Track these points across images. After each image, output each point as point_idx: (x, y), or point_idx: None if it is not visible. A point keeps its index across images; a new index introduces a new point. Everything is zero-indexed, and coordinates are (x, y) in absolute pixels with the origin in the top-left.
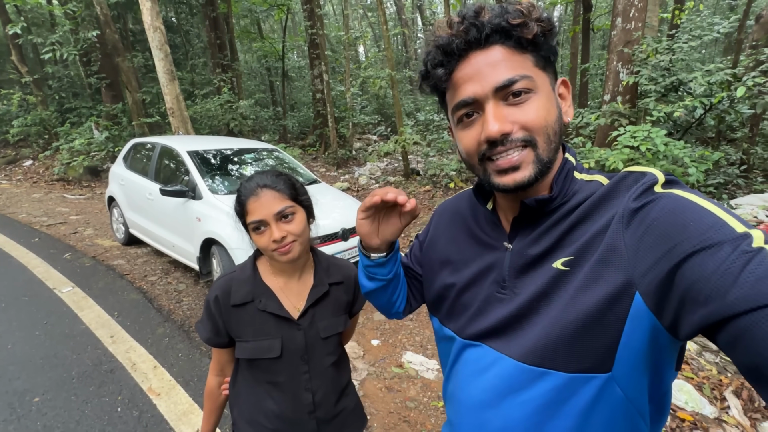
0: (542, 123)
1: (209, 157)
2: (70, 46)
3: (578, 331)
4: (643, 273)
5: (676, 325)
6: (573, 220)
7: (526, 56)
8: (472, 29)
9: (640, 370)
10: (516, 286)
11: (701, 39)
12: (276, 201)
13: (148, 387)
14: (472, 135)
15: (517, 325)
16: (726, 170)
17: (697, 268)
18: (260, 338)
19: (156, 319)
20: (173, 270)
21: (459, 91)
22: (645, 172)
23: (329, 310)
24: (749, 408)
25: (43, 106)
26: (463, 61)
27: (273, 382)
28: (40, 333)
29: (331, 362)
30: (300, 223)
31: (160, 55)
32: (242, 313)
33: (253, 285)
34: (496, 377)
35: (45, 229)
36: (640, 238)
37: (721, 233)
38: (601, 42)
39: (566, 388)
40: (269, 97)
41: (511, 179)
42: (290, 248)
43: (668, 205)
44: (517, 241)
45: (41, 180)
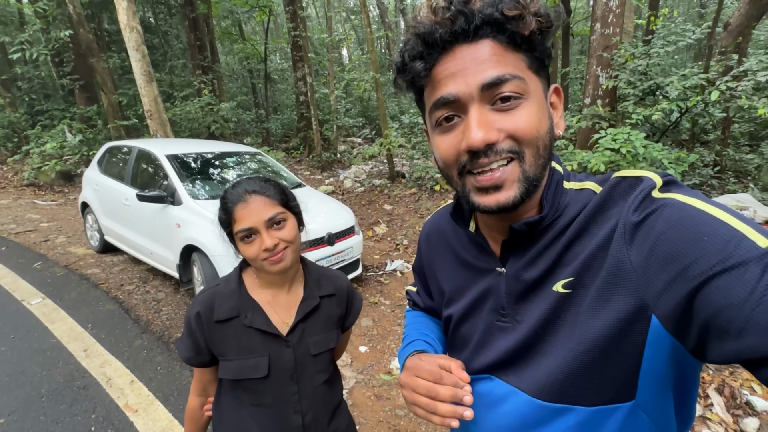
0: (533, 133)
1: (189, 160)
2: (40, 45)
3: (595, 362)
4: (657, 295)
5: (702, 350)
6: (569, 237)
7: (519, 56)
8: (459, 18)
9: (665, 392)
10: (517, 312)
11: (676, 45)
12: (266, 207)
13: (124, 403)
14: (452, 142)
15: (527, 356)
16: (700, 171)
17: (722, 293)
18: (245, 356)
19: (133, 331)
20: (152, 278)
21: (440, 87)
22: (640, 176)
23: (320, 324)
24: (732, 405)
25: (11, 108)
26: (447, 55)
27: (258, 404)
28: (6, 348)
29: (322, 380)
30: (292, 229)
31: (137, 56)
32: (226, 329)
33: (239, 299)
34: (512, 413)
35: (13, 237)
36: (647, 256)
37: (742, 250)
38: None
39: (589, 423)
40: (251, 99)
41: (494, 200)
42: (283, 256)
43: (674, 216)
44: (511, 264)
45: (9, 185)
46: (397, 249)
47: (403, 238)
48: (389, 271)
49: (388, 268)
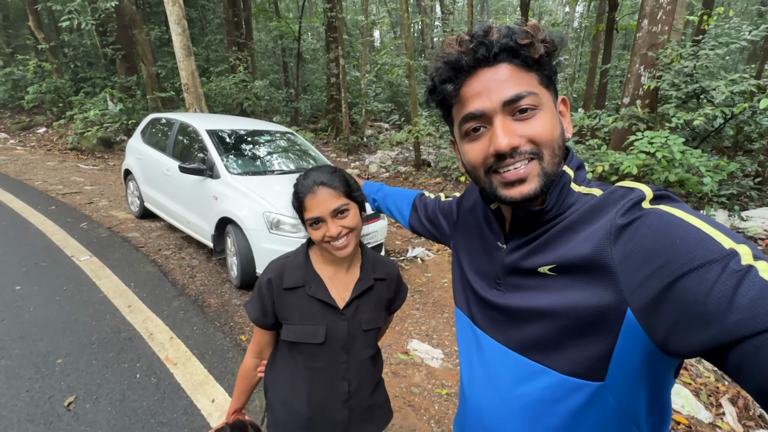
0: (549, 137)
1: (226, 136)
2: (87, 15)
3: (572, 336)
4: (633, 290)
5: (667, 344)
6: (558, 229)
7: (532, 75)
8: (481, 48)
9: (635, 383)
10: (507, 284)
11: (728, 46)
12: (332, 199)
13: (165, 356)
14: (480, 148)
15: (516, 321)
16: (740, 181)
17: (689, 289)
18: (306, 323)
19: (171, 293)
20: (186, 246)
21: (467, 105)
22: (633, 187)
23: (372, 304)
24: (744, 416)
25: (58, 74)
26: (472, 77)
27: (312, 367)
28: (60, 298)
29: (368, 355)
30: (354, 217)
31: (177, 30)
32: (292, 296)
33: (305, 271)
34: (499, 366)
35: (61, 197)
36: (628, 256)
37: (708, 251)
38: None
39: (559, 389)
40: (282, 78)
41: (518, 192)
42: (347, 243)
43: (655, 222)
44: (511, 244)
45: (55, 148)
46: (418, 236)
47: None
48: (410, 258)
49: (409, 255)
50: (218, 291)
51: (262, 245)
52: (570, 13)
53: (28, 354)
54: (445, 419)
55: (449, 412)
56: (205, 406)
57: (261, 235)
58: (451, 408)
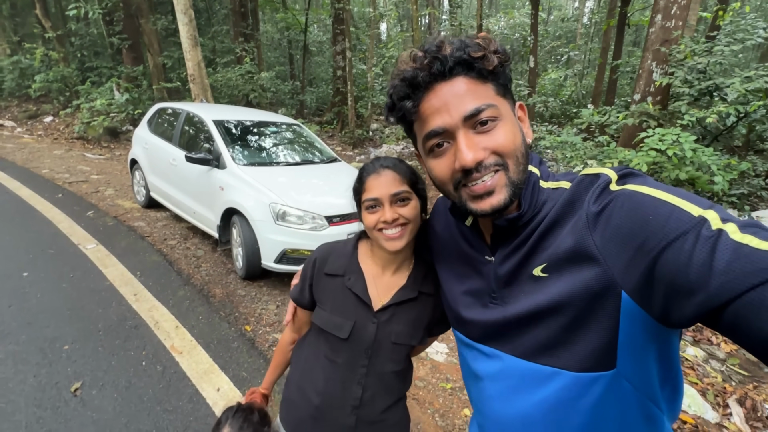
0: (512, 147)
1: (232, 127)
2: (94, 4)
3: (575, 330)
4: (622, 272)
5: (667, 316)
6: (542, 229)
7: (488, 85)
8: (435, 62)
9: (644, 360)
10: (504, 296)
11: (743, 43)
12: (394, 182)
13: (170, 345)
14: (446, 164)
15: (518, 328)
16: (750, 181)
17: (670, 262)
18: (336, 313)
19: (176, 282)
20: (192, 236)
21: (428, 121)
22: (598, 173)
23: (410, 318)
24: (752, 417)
25: (65, 63)
26: (429, 93)
27: (332, 360)
28: (66, 286)
29: (392, 369)
30: (413, 209)
31: (184, 20)
32: (330, 283)
33: (349, 261)
34: (510, 377)
35: (68, 186)
36: (609, 240)
37: (680, 222)
38: (632, 38)
39: (575, 387)
40: (288, 70)
41: (488, 204)
42: (400, 234)
43: (626, 203)
44: (498, 254)
45: (61, 137)
46: None
47: None
48: None
49: None
50: (223, 281)
51: (268, 236)
52: (580, 8)
53: (35, 340)
54: (450, 413)
55: (453, 405)
56: (210, 394)
57: (267, 226)
58: (456, 402)
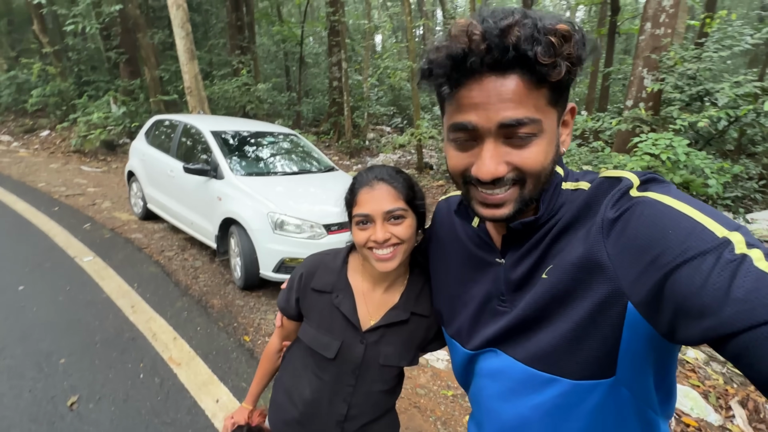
0: (538, 168)
1: (230, 138)
2: (91, 19)
3: (578, 340)
4: (631, 284)
5: (673, 334)
6: (555, 232)
7: (542, 92)
8: (493, 51)
9: (643, 370)
10: (515, 299)
11: (731, 49)
12: (389, 198)
13: (169, 356)
14: (463, 160)
15: (523, 332)
16: (744, 184)
17: (684, 282)
18: (323, 332)
19: (174, 293)
20: (189, 247)
21: (462, 112)
22: (620, 177)
23: (401, 339)
24: (754, 418)
25: (62, 78)
26: (474, 81)
27: (319, 376)
28: (63, 299)
29: (380, 389)
30: (408, 228)
31: (181, 34)
32: (317, 299)
33: (337, 278)
34: (509, 380)
35: (64, 199)
36: (622, 249)
37: (701, 240)
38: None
39: (573, 394)
40: (284, 82)
41: (491, 213)
42: (392, 255)
43: (645, 212)
44: (509, 257)
45: (58, 150)
46: None
47: None
48: None
49: None
50: (222, 292)
51: (266, 246)
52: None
53: (30, 354)
54: (452, 420)
55: (455, 413)
56: (209, 406)
57: (265, 235)
58: (457, 409)
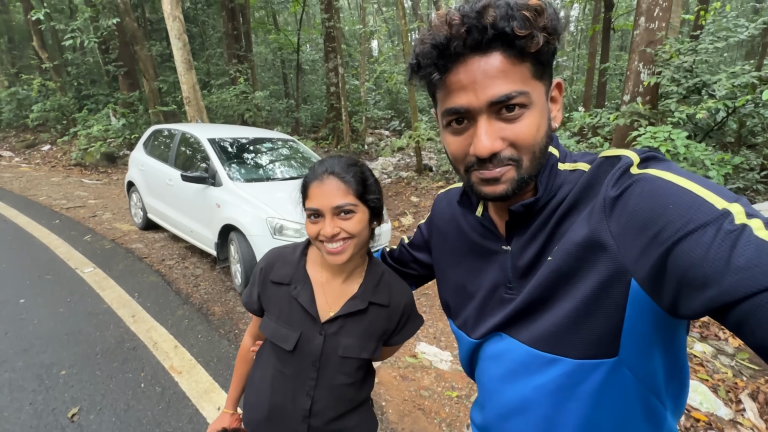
0: (531, 141)
1: (228, 145)
2: (90, 33)
3: (581, 318)
4: (635, 260)
5: (676, 308)
6: (560, 213)
7: (526, 65)
8: (473, 32)
9: (648, 350)
10: (522, 285)
11: (726, 41)
12: (339, 193)
13: (169, 365)
14: (462, 144)
15: (527, 315)
16: (745, 175)
17: (686, 254)
18: (282, 324)
19: (175, 302)
20: (190, 255)
21: (452, 97)
22: (619, 155)
23: (360, 330)
24: (765, 411)
25: (62, 92)
26: (460, 65)
27: (280, 371)
28: (64, 310)
29: (343, 382)
30: (358, 223)
31: (178, 45)
32: (276, 291)
33: (295, 269)
34: (511, 361)
35: (65, 211)
36: (624, 226)
37: (701, 213)
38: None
39: (576, 374)
40: (282, 89)
41: (491, 190)
42: (343, 249)
43: (646, 189)
44: (515, 243)
45: (59, 164)
46: None
47: None
48: None
49: None
50: (222, 299)
51: (266, 251)
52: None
53: (31, 366)
54: (457, 422)
55: (460, 414)
56: (210, 414)
57: (264, 241)
58: (462, 410)
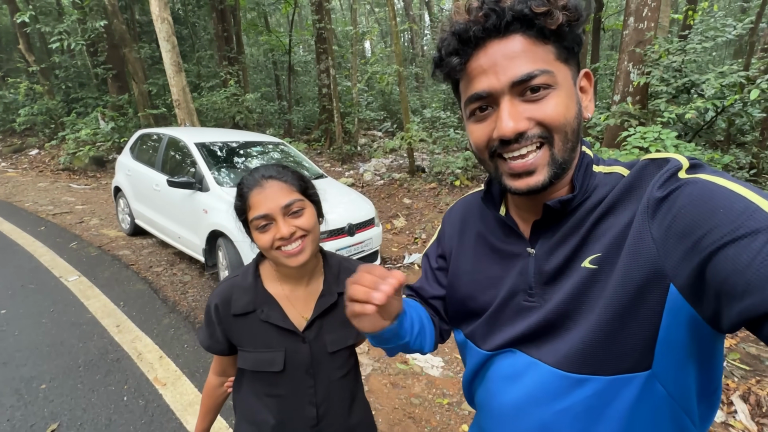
0: (561, 120)
1: (216, 149)
2: (77, 36)
3: (615, 331)
4: (676, 265)
5: (717, 318)
6: (597, 215)
7: (548, 47)
8: (491, 15)
9: (682, 364)
10: (545, 293)
11: (714, 40)
12: (283, 193)
13: (154, 377)
14: (484, 130)
15: (551, 330)
16: (735, 174)
17: (731, 259)
18: (262, 350)
19: (161, 310)
20: (178, 261)
21: (473, 83)
22: (668, 158)
23: (338, 321)
24: (757, 413)
25: (49, 96)
26: (480, 50)
27: (274, 395)
28: (46, 321)
29: (339, 375)
30: (310, 218)
31: (167, 47)
32: (244, 322)
33: (255, 294)
34: (532, 384)
35: (51, 218)
36: (668, 228)
37: (753, 220)
38: (610, 42)
39: (607, 392)
40: (274, 91)
41: (524, 184)
42: (302, 247)
43: (695, 192)
44: (540, 245)
45: (47, 169)
46: (415, 243)
47: (422, 232)
48: (407, 264)
49: (405, 261)
50: None
51: (253, 257)
52: None
53: (10, 380)
54: (447, 430)
55: (451, 422)
56: (194, 427)
57: (252, 246)
58: (453, 418)
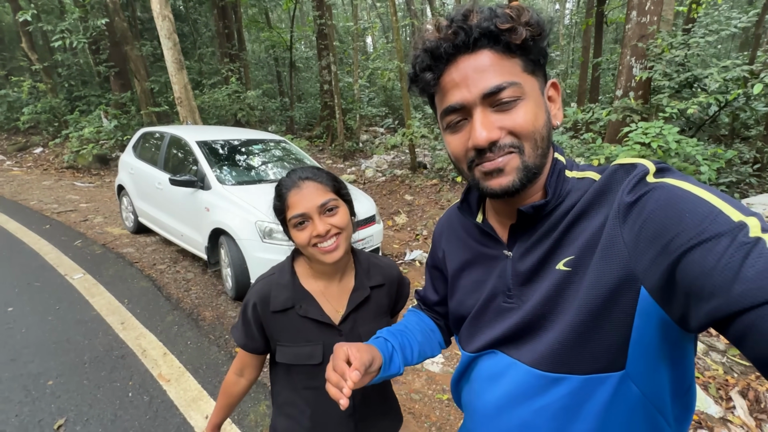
0: (530, 128)
1: (218, 147)
2: (79, 34)
3: (589, 331)
4: (646, 268)
5: (686, 319)
6: (570, 219)
7: (515, 60)
8: (460, 33)
9: (655, 365)
10: (522, 293)
11: (718, 34)
12: (319, 193)
13: (158, 373)
14: (460, 140)
15: (529, 331)
16: (739, 169)
17: (697, 262)
18: (301, 344)
19: (165, 307)
20: (181, 259)
21: (447, 96)
22: (635, 163)
23: (371, 314)
24: (755, 408)
25: (52, 94)
26: (451, 66)
27: (312, 387)
28: (52, 318)
29: None
30: (344, 216)
31: (168, 44)
32: (283, 318)
33: (293, 290)
34: (511, 384)
35: (56, 216)
36: (638, 233)
37: (717, 224)
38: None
39: (582, 391)
40: (276, 87)
41: (497, 183)
42: (336, 245)
43: (663, 197)
44: (517, 248)
45: (51, 167)
46: (416, 239)
47: (423, 228)
48: (408, 261)
49: (407, 258)
50: (213, 303)
51: (256, 255)
52: (560, 9)
53: (18, 377)
54: (447, 426)
55: (450, 417)
56: (198, 423)
57: (254, 244)
58: (453, 414)
